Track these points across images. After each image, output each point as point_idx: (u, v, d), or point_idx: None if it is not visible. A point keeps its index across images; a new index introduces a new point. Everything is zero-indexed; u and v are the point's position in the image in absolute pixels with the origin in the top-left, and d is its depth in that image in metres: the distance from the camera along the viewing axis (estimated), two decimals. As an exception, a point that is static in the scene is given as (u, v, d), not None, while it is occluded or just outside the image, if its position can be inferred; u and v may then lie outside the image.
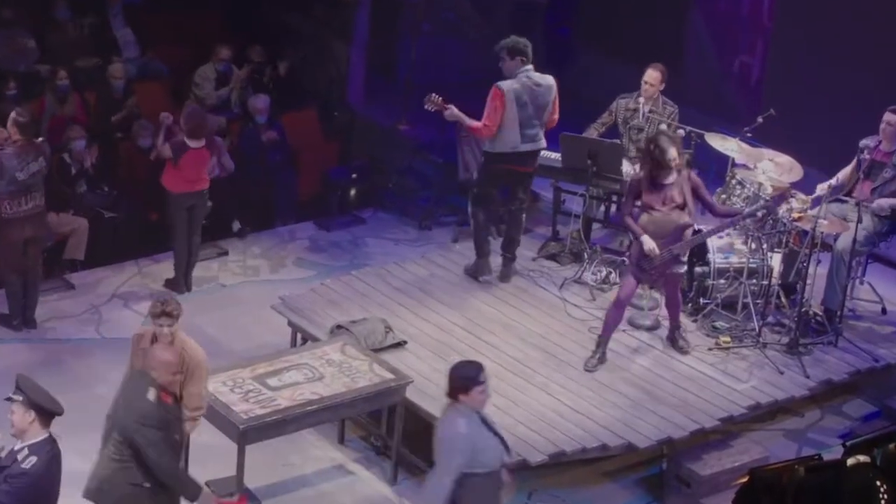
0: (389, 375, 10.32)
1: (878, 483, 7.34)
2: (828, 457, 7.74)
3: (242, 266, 13.79)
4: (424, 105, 11.98)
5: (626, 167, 12.64)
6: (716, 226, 11.33)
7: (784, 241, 11.84)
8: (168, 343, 9.09)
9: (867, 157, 11.85)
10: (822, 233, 11.41)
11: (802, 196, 11.89)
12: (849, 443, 7.62)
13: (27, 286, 12.24)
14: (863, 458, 7.38)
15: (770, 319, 11.74)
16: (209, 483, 9.95)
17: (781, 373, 11.17)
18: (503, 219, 12.67)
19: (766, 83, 15.43)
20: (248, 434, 9.62)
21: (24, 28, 15.51)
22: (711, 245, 11.75)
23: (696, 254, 11.84)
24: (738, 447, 10.63)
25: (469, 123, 11.90)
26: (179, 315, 9.20)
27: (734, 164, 12.41)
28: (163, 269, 13.36)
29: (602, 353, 11.12)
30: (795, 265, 11.81)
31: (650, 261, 10.80)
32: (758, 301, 11.66)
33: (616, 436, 10.23)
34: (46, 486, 7.95)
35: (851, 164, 12.09)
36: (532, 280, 12.47)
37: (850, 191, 11.99)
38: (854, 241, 11.42)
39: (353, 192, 15.29)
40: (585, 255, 12.59)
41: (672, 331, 11.45)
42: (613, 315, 11.11)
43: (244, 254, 14.03)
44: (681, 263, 11.14)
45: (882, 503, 7.33)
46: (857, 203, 11.66)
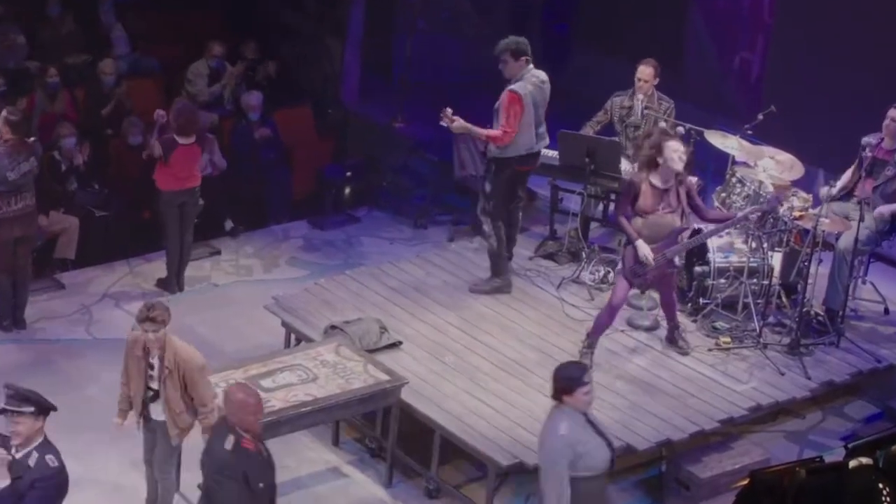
0: (384, 377, 10.30)
1: (881, 486, 7.34)
2: (829, 459, 7.74)
3: (235, 265, 13.78)
4: (441, 122, 11.78)
5: (625, 165, 12.63)
6: (710, 229, 11.33)
7: (785, 240, 11.84)
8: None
9: (869, 155, 11.83)
10: (824, 231, 11.41)
11: (804, 194, 11.90)
12: (851, 445, 7.62)
13: (17, 286, 12.24)
14: (865, 461, 7.38)
15: (771, 320, 11.74)
16: (201, 486, 9.93)
17: (782, 374, 11.16)
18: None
19: (767, 80, 15.42)
20: (241, 436, 9.59)
21: (14, 24, 15.50)
22: (711, 244, 11.74)
23: (696, 253, 11.83)
24: (739, 449, 10.64)
25: (483, 133, 11.70)
26: (165, 321, 9.16)
27: (734, 162, 12.40)
28: (154, 269, 13.36)
29: (591, 355, 11.06)
30: (797, 264, 11.80)
31: (643, 266, 10.78)
32: (758, 301, 11.65)
33: (615, 437, 10.16)
34: (66, 480, 8.00)
35: (851, 168, 12.07)
36: (529, 280, 12.46)
37: (852, 189, 11.99)
38: (856, 240, 11.41)
39: (348, 191, 15.29)
40: (583, 255, 12.58)
41: (671, 331, 11.43)
42: (605, 319, 11.05)
43: (237, 253, 14.03)
44: (674, 265, 11.13)
45: (885, 506, 7.34)
46: (860, 201, 11.67)
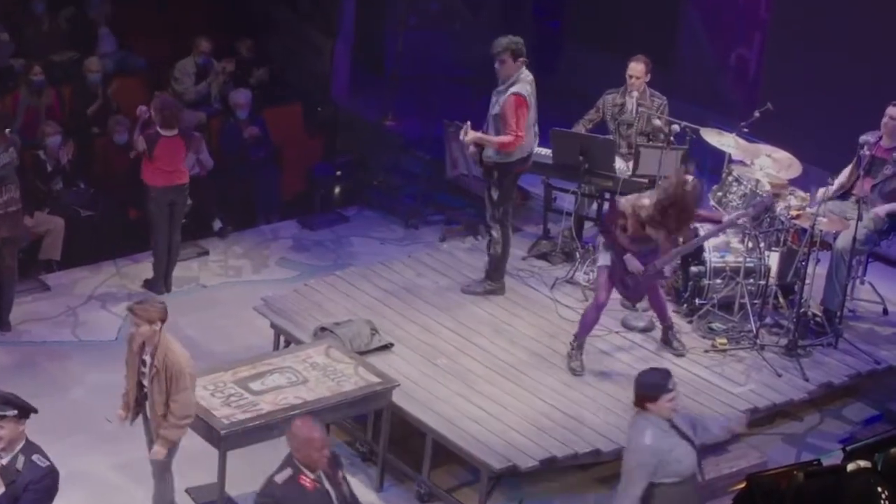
0: (375, 379, 10.28)
1: (880, 489, 7.33)
2: (827, 462, 7.72)
3: (223, 266, 13.76)
4: (461, 137, 11.74)
5: (619, 163, 12.62)
6: (700, 236, 11.33)
7: (782, 240, 11.83)
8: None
9: (867, 154, 11.83)
10: (822, 231, 11.41)
11: (801, 193, 11.89)
12: (849, 447, 7.61)
13: (2, 287, 12.22)
14: (864, 464, 7.37)
15: (768, 320, 11.73)
16: (189, 491, 9.93)
17: (780, 375, 11.16)
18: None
19: (764, 77, 15.43)
20: (230, 440, 9.57)
21: (-1, 21, 15.50)
22: (707, 244, 11.73)
23: (692, 253, 11.82)
24: (736, 452, 10.62)
25: (496, 140, 11.62)
26: (150, 319, 9.10)
27: (730, 161, 12.39)
28: (141, 270, 13.34)
29: (581, 356, 11.03)
30: (794, 264, 11.78)
31: (634, 277, 10.76)
32: (755, 301, 11.64)
33: (609, 441, 10.19)
34: (58, 476, 7.96)
35: (849, 166, 12.07)
36: (522, 280, 12.45)
37: (851, 188, 11.98)
38: (854, 240, 11.41)
39: (338, 190, 15.29)
40: (577, 255, 12.57)
41: (665, 332, 11.42)
42: (592, 317, 11.02)
43: (225, 253, 14.01)
44: (664, 275, 11.16)
45: (884, 510, 7.34)
46: (858, 200, 11.67)
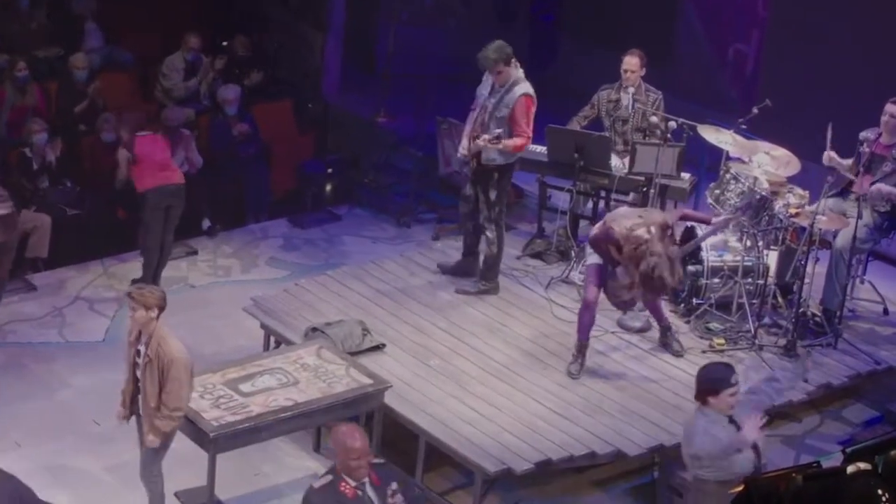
0: (367, 380, 10.28)
1: (880, 492, 7.31)
2: (827, 464, 7.70)
3: (213, 266, 13.75)
4: (481, 145, 11.63)
5: (615, 160, 12.63)
6: (692, 242, 11.35)
7: (781, 238, 11.83)
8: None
9: (867, 150, 11.83)
10: (821, 229, 11.40)
11: (800, 191, 11.90)
12: (849, 449, 7.59)
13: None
14: (864, 466, 7.35)
15: (766, 320, 11.74)
16: (178, 494, 9.92)
17: (777, 380, 11.17)
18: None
19: (762, 72, 15.44)
20: (219, 442, 9.58)
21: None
22: (705, 243, 11.73)
23: (689, 252, 11.82)
24: (733, 454, 10.64)
25: (514, 144, 11.61)
26: (146, 304, 9.09)
27: (728, 158, 12.39)
28: (129, 269, 13.31)
29: (583, 358, 11.04)
30: (793, 263, 11.77)
31: (627, 290, 10.76)
32: (753, 301, 11.65)
33: (605, 443, 10.20)
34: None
35: (850, 160, 12.08)
36: (516, 280, 12.44)
37: (850, 185, 11.98)
38: (854, 238, 11.42)
39: (329, 188, 15.28)
40: (572, 254, 12.57)
41: (663, 332, 11.41)
42: (586, 317, 10.98)
43: (214, 253, 14.00)
44: None
45: (884, 513, 7.33)
46: (858, 198, 11.67)
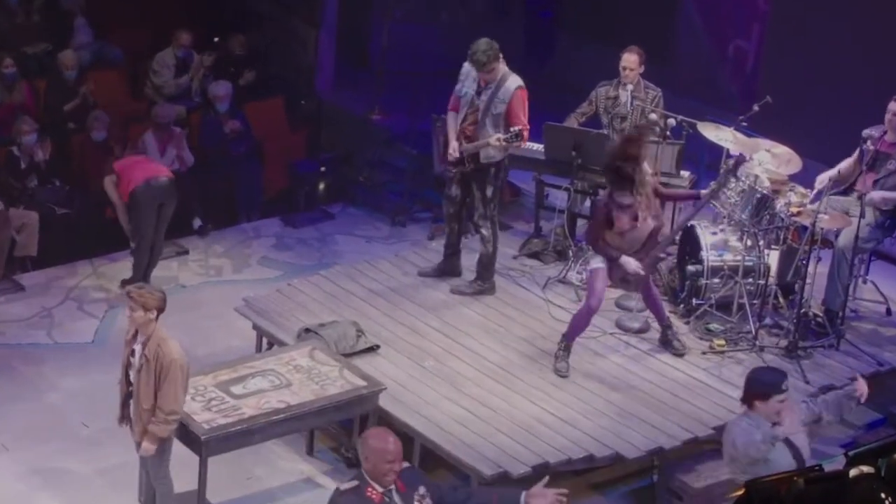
0: (361, 382, 10.27)
1: (883, 496, 7.31)
2: (829, 467, 7.70)
3: (204, 265, 13.74)
4: (494, 144, 11.57)
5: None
6: (685, 215, 11.38)
7: (782, 238, 11.82)
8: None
9: (871, 148, 11.81)
10: (823, 228, 11.39)
11: (801, 189, 11.88)
12: (851, 452, 7.58)
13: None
14: (867, 469, 7.35)
15: (767, 321, 11.72)
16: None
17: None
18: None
19: (763, 69, 15.44)
20: (211, 445, 9.57)
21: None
22: (705, 242, 11.72)
23: (689, 252, 11.82)
24: (734, 457, 10.63)
25: (525, 139, 11.67)
26: (146, 305, 9.16)
27: (728, 156, 12.39)
28: (119, 269, 13.29)
29: (568, 355, 11.01)
30: (794, 263, 11.76)
31: (636, 274, 10.76)
32: (754, 301, 11.63)
33: (603, 446, 10.20)
34: None
35: (853, 156, 12.08)
36: (513, 279, 12.43)
37: (853, 184, 11.98)
38: (856, 238, 11.40)
39: (322, 186, 15.25)
40: (570, 253, 12.55)
41: (664, 331, 11.39)
42: (584, 321, 11.00)
43: (206, 252, 13.98)
44: (660, 259, 11.23)
45: (888, 517, 7.33)
46: (860, 196, 11.65)
